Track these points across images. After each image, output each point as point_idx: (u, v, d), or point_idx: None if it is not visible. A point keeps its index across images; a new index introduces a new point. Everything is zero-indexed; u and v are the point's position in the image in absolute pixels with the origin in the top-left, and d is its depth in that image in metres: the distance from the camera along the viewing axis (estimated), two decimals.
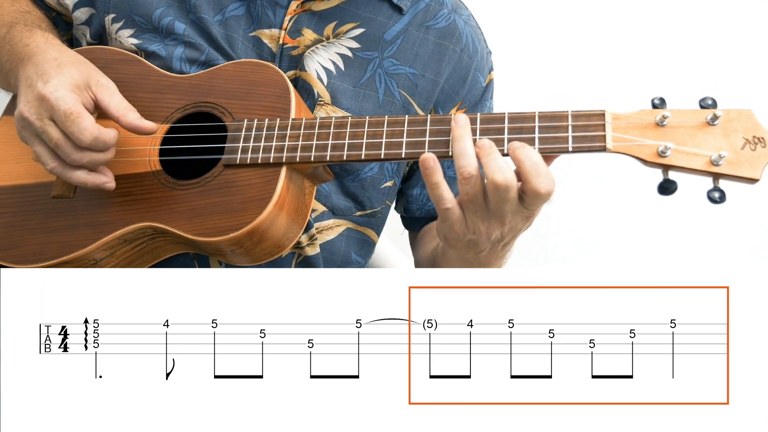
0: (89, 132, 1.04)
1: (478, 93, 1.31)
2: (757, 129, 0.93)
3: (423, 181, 1.31)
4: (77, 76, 1.08)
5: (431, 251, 1.23)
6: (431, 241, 1.29)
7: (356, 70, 1.23)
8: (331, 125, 1.06)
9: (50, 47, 1.13)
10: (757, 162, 0.92)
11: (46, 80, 1.06)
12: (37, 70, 1.08)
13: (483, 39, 1.33)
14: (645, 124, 0.95)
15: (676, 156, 0.93)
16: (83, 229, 1.10)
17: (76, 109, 1.04)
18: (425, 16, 1.27)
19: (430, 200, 1.33)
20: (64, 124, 1.04)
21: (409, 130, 1.03)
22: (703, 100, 0.96)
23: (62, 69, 1.08)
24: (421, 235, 1.37)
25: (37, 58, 1.10)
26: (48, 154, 1.07)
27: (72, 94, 1.05)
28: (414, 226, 1.39)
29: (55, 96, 1.04)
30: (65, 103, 1.04)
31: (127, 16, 1.24)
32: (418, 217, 1.37)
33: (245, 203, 1.04)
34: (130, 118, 1.08)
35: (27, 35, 1.17)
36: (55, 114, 1.04)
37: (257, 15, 1.23)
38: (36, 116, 1.05)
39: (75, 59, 1.11)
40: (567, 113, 0.98)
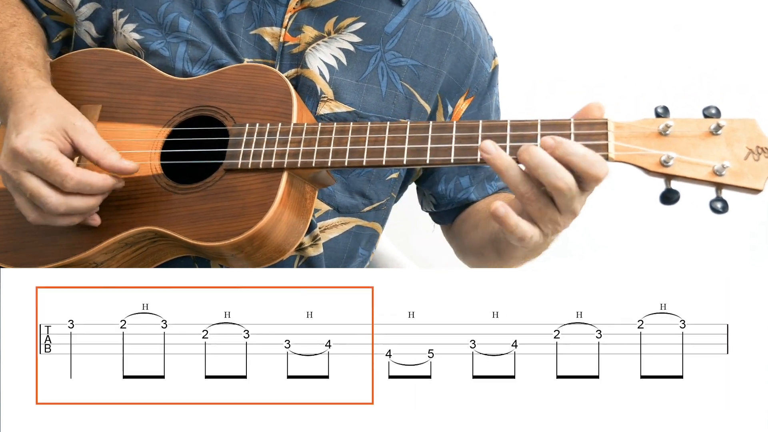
0: (70, 177, 1.03)
1: (485, 80, 1.30)
2: (760, 139, 0.93)
3: (445, 175, 1.33)
4: (50, 123, 1.06)
5: (491, 241, 1.20)
6: (479, 229, 1.27)
7: (358, 65, 1.22)
8: (333, 131, 1.05)
9: (29, 92, 1.11)
10: (760, 172, 0.91)
11: (19, 131, 1.04)
12: (13, 120, 1.07)
13: (483, 26, 1.33)
14: (648, 133, 0.95)
15: (679, 166, 0.93)
16: (84, 232, 1.10)
17: (52, 156, 1.03)
18: (425, 6, 1.26)
19: (457, 193, 1.33)
20: (44, 174, 1.03)
21: (411, 137, 1.03)
22: (706, 109, 0.95)
23: (35, 117, 1.06)
24: (460, 224, 1.36)
25: (17, 106, 1.09)
26: (27, 206, 1.06)
27: (44, 142, 1.04)
28: (447, 218, 1.38)
29: (28, 148, 1.02)
30: (39, 153, 1.02)
31: (133, 10, 1.22)
32: (450, 209, 1.36)
33: (246, 208, 1.04)
34: (110, 160, 1.06)
35: (8, 77, 1.14)
36: (33, 167, 1.03)
37: (258, 13, 1.22)
38: (12, 170, 1.04)
39: (50, 104, 1.10)
40: (570, 122, 0.97)
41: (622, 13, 2.08)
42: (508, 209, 0.95)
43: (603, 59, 2.08)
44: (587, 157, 0.93)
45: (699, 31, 2.07)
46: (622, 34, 2.08)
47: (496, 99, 1.35)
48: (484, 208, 1.31)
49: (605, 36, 2.08)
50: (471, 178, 1.33)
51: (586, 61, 2.08)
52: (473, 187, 1.33)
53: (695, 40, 2.07)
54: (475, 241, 1.28)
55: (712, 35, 2.07)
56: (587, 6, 2.08)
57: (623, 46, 2.08)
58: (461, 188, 1.33)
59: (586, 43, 2.08)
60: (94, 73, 1.20)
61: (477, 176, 1.33)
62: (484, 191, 1.34)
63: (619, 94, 1.81)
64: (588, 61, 2.08)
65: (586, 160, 0.93)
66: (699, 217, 0.96)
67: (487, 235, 1.20)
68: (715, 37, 2.07)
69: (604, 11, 2.08)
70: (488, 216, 1.22)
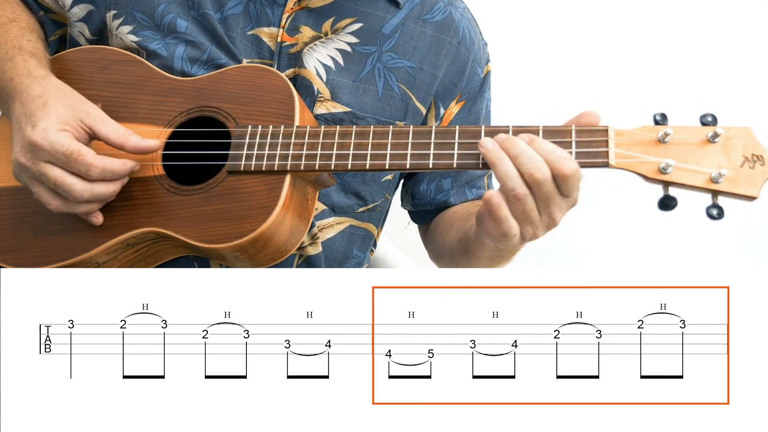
0: (95, 166, 1.04)
1: (476, 85, 1.32)
2: (756, 147, 0.95)
3: (428, 177, 1.34)
4: (64, 113, 1.06)
5: (460, 239, 1.22)
6: (455, 229, 1.28)
7: (355, 65, 1.23)
8: (336, 134, 1.06)
9: (33, 81, 1.11)
10: (756, 180, 0.94)
11: (34, 123, 1.05)
12: (24, 111, 1.07)
13: (479, 31, 1.34)
14: (647, 141, 0.97)
15: (677, 173, 0.95)
16: (86, 232, 1.09)
17: (74, 147, 1.04)
18: (422, 9, 1.27)
19: (438, 194, 1.35)
20: (68, 165, 1.04)
21: (414, 143, 1.03)
22: (703, 117, 0.97)
23: (47, 108, 1.06)
24: (435, 226, 1.37)
25: (23, 96, 1.09)
26: (48, 194, 1.06)
27: (63, 133, 1.04)
28: (424, 218, 1.40)
29: (49, 141, 1.03)
30: (61, 145, 1.03)
31: (128, 12, 1.22)
32: (428, 210, 1.38)
33: (249, 210, 1.04)
34: (133, 142, 1.08)
35: (10, 67, 1.14)
36: (54, 158, 1.03)
37: (256, 13, 1.22)
38: (31, 162, 1.04)
39: (59, 92, 1.10)
40: (571, 128, 0.99)
41: (620, 19, 2.10)
42: (503, 200, 0.97)
43: (601, 65, 2.10)
44: (555, 152, 0.96)
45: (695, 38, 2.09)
46: (619, 41, 2.10)
47: (488, 104, 1.37)
48: (461, 210, 1.33)
49: (603, 42, 2.10)
50: (453, 180, 1.34)
51: (584, 67, 2.10)
52: (454, 190, 1.35)
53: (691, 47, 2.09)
54: (448, 241, 1.29)
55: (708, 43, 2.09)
56: (586, 12, 2.10)
57: (621, 52, 2.10)
58: (442, 190, 1.35)
59: (584, 49, 2.10)
60: (93, 72, 1.19)
61: (459, 180, 1.35)
62: (464, 196, 1.36)
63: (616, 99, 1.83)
64: (586, 66, 2.10)
65: (554, 154, 0.96)
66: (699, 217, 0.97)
67: (460, 235, 1.22)
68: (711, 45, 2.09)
69: (602, 18, 2.10)
70: (465, 216, 1.26)
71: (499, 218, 0.97)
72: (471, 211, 1.27)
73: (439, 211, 1.37)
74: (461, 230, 1.22)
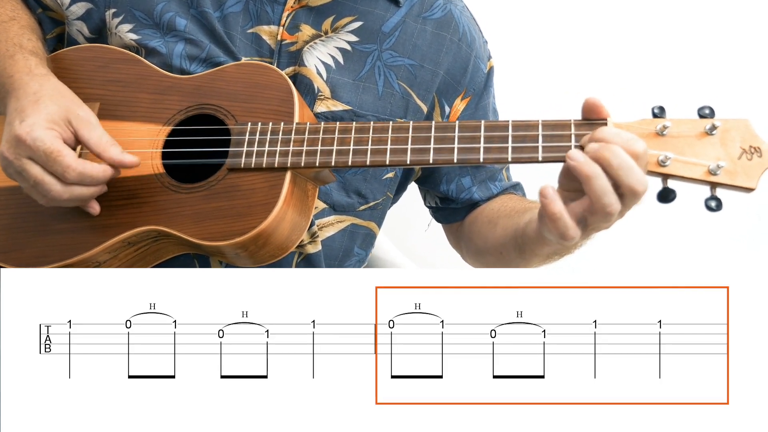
0: (72, 169, 1.03)
1: (481, 80, 1.32)
2: (753, 139, 0.96)
3: (446, 176, 1.32)
4: (54, 112, 1.06)
5: (513, 237, 1.16)
6: (499, 227, 1.24)
7: (355, 64, 1.23)
8: (336, 130, 1.06)
9: (32, 79, 1.11)
10: (753, 172, 0.94)
11: (23, 118, 1.04)
12: (16, 106, 1.07)
13: (478, 29, 1.35)
14: (646, 134, 0.97)
15: (676, 165, 0.95)
16: (86, 231, 1.09)
17: (56, 146, 1.03)
18: (421, 7, 1.28)
19: (460, 193, 1.33)
20: (46, 164, 1.03)
21: (414, 137, 1.04)
22: (701, 109, 0.98)
23: (39, 105, 1.06)
24: (471, 224, 1.34)
25: (19, 93, 1.09)
26: (31, 191, 1.06)
27: (48, 131, 1.04)
28: (456, 216, 1.37)
29: (32, 137, 1.02)
30: (43, 142, 1.02)
31: (128, 10, 1.22)
32: (456, 208, 1.36)
33: (250, 208, 1.04)
34: (111, 153, 1.06)
35: (10, 64, 1.14)
36: (35, 155, 1.03)
37: (256, 12, 1.23)
38: (14, 156, 1.04)
39: (54, 92, 1.09)
40: (570, 122, 0.99)
41: (618, 14, 2.10)
42: (556, 195, 0.93)
43: (599, 59, 2.10)
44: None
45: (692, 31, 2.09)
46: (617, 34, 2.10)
47: (493, 100, 1.36)
48: (501, 207, 1.29)
49: (600, 35, 2.10)
50: (472, 178, 1.33)
51: (583, 62, 2.10)
52: (475, 187, 1.33)
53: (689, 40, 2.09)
54: (493, 239, 1.25)
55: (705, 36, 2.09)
56: (584, 7, 2.10)
57: (618, 45, 2.10)
58: (463, 189, 1.33)
59: (582, 44, 2.10)
60: (91, 70, 1.19)
61: (478, 176, 1.34)
62: (489, 191, 1.34)
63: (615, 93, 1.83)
64: (584, 61, 2.10)
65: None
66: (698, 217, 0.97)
67: (510, 232, 1.17)
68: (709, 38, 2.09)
69: (600, 12, 2.10)
70: (509, 213, 1.23)
71: (553, 214, 0.92)
72: (517, 208, 1.24)
73: (467, 208, 1.35)
74: (510, 228, 1.18)
